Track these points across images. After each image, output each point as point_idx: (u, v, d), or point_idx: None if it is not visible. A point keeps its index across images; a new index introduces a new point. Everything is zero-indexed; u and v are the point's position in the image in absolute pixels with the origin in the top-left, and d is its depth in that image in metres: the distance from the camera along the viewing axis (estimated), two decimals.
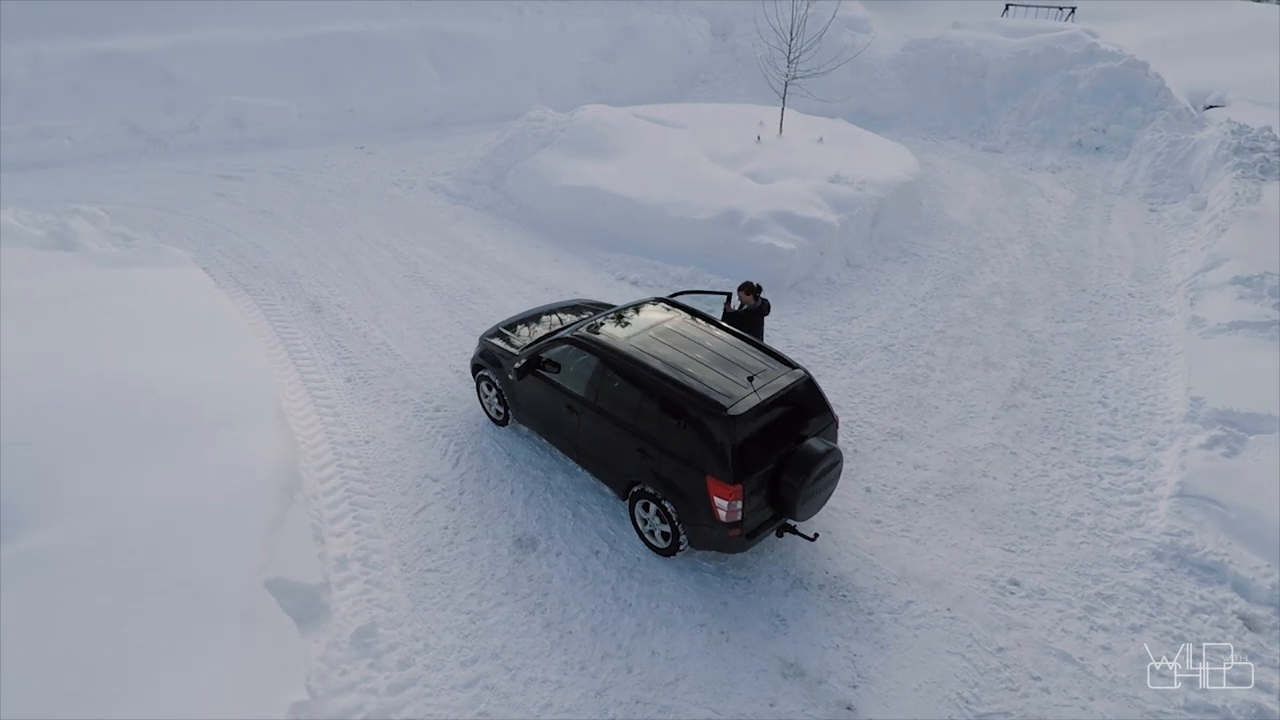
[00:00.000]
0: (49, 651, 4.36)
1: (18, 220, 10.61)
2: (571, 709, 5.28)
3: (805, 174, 12.53)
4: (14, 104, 15.71)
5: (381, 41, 19.13)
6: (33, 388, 6.33)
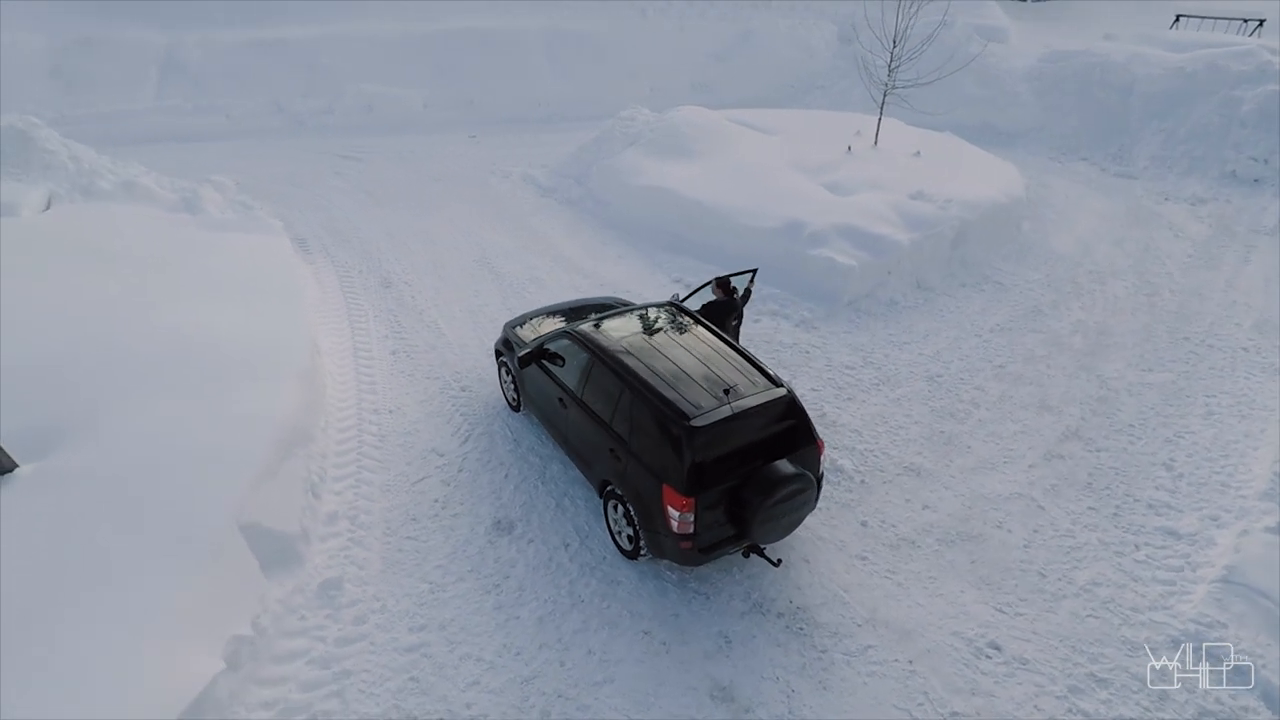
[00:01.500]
0: (39, 555, 5.05)
1: (157, 184, 12.14)
2: (495, 690, 5.44)
3: (887, 188, 11.95)
4: (185, 84, 17.93)
5: (505, 38, 20.10)
6: (100, 330, 7.31)
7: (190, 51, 18.42)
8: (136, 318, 7.65)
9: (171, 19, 19.09)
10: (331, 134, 17.81)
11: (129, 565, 5.06)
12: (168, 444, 6.10)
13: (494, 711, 5.30)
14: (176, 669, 4.60)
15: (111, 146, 15.18)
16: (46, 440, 6.05)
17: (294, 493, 6.32)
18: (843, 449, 7.81)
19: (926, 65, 14.37)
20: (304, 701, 5.23)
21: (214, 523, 5.52)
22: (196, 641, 4.83)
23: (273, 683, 5.28)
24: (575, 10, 21.26)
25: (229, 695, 4.94)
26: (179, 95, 17.68)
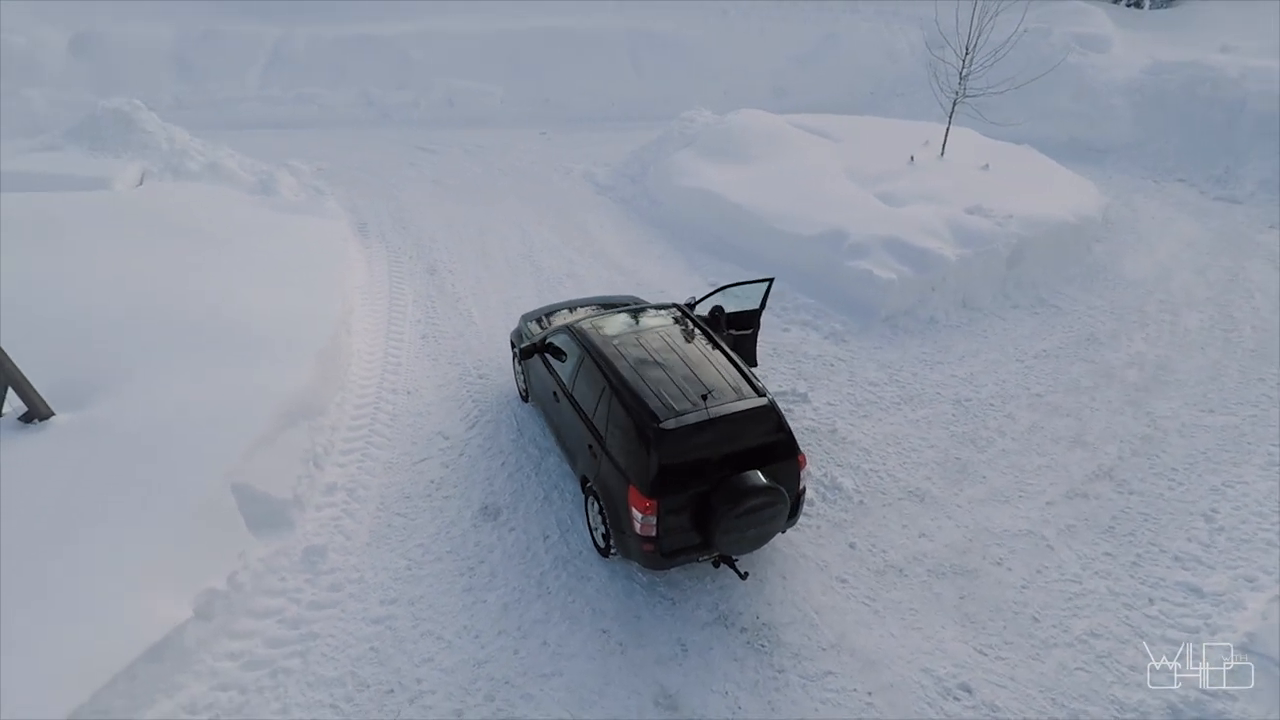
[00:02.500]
0: (53, 495, 5.57)
1: (239, 167, 13.08)
2: (447, 669, 5.59)
3: (944, 201, 11.42)
4: (287, 75, 19.17)
5: (586, 36, 20.41)
6: (148, 297, 7.97)
7: (296, 45, 19.68)
8: (184, 289, 8.29)
9: (284, 15, 20.44)
10: (414, 126, 18.59)
11: (124, 513, 5.51)
12: (182, 405, 6.59)
13: (441, 689, 5.45)
14: (146, 613, 4.98)
15: (216, 130, 16.44)
16: (83, 394, 6.66)
17: (291, 461, 6.69)
18: (846, 467, 7.55)
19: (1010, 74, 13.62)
20: (268, 657, 5.54)
21: (206, 482, 5.93)
22: (170, 590, 5.21)
23: (243, 636, 5.61)
24: (658, 10, 21.34)
25: (197, 643, 5.29)
26: (280, 85, 18.92)
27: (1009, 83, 12.81)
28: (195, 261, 9.08)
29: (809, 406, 8.40)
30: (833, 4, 22.18)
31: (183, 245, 9.47)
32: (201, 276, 8.72)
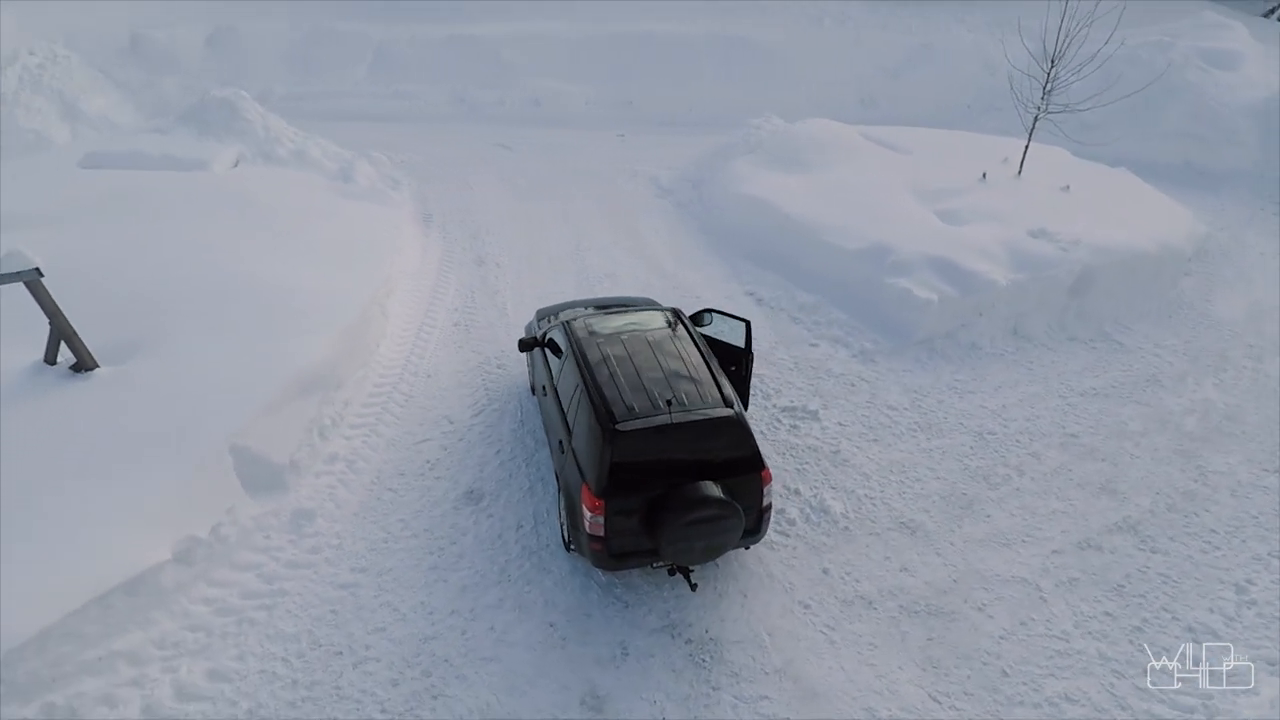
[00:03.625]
0: (77, 438, 6.22)
1: (324, 155, 14.00)
2: (395, 640, 5.81)
3: (1007, 221, 10.73)
4: (388, 72, 20.33)
5: (673, 41, 20.49)
6: (204, 268, 8.70)
7: (399, 44, 20.85)
8: (237, 262, 9.00)
9: (391, 15, 21.74)
10: (499, 124, 19.26)
11: (129, 459, 6.09)
12: (207, 368, 7.18)
13: (385, 658, 5.68)
14: (127, 550, 5.47)
15: (320, 121, 17.68)
16: (127, 351, 7.38)
17: (295, 429, 7.15)
18: (840, 490, 7.26)
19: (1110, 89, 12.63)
20: (239, 606, 5.95)
21: (208, 440, 6.43)
22: (155, 533, 5.70)
23: (221, 584, 6.06)
24: (748, 16, 21.16)
25: (176, 585, 5.76)
26: (382, 81, 20.10)
27: (1096, 100, 11.84)
28: (256, 238, 9.84)
29: (817, 425, 8.13)
30: (936, 12, 21.27)
31: (249, 223, 10.28)
32: (257, 252, 9.43)
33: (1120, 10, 11.73)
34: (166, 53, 19.42)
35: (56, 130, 16.53)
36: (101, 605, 5.21)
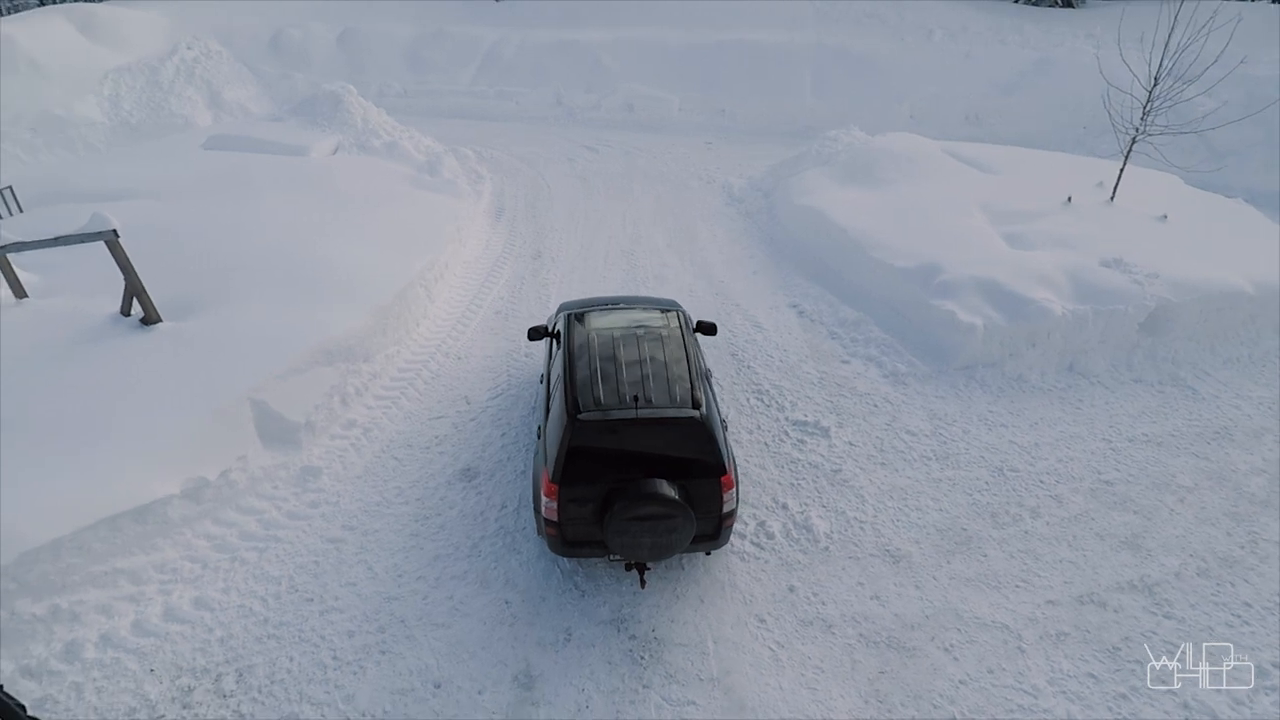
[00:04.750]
0: (126, 378, 7.03)
1: (414, 148, 14.94)
2: (363, 596, 6.18)
3: (1079, 248, 9.95)
4: (495, 73, 21.36)
5: (775, 51, 20.31)
6: (272, 241, 9.54)
7: (507, 47, 21.87)
8: (303, 238, 9.83)
9: (503, 19, 22.85)
10: (591, 126, 19.82)
11: (160, 401, 6.80)
12: (249, 328, 7.90)
13: (349, 610, 6.05)
14: (140, 482, 6.13)
15: (426, 117, 18.94)
16: (188, 309, 8.24)
17: (315, 393, 7.71)
18: (829, 510, 7.01)
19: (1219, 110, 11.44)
20: (235, 546, 6.52)
21: (233, 392, 7.08)
22: (168, 470, 6.35)
23: (225, 524, 6.66)
24: (854, 28, 20.64)
25: (182, 519, 6.39)
26: (487, 82, 21.16)
27: (1196, 124, 10.75)
28: (326, 218, 10.68)
29: (825, 442, 7.88)
30: (1060, 25, 19.91)
31: (325, 205, 11.17)
32: (323, 231, 10.25)
33: (1234, 24, 10.54)
34: (301, 49, 21.30)
35: (201, 115, 18.55)
36: (111, 526, 5.87)
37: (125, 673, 5.50)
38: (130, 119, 17.59)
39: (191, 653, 5.69)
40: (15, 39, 16.83)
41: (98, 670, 5.48)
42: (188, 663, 5.62)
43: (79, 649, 5.53)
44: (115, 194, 11.35)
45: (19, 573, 5.43)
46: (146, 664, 5.57)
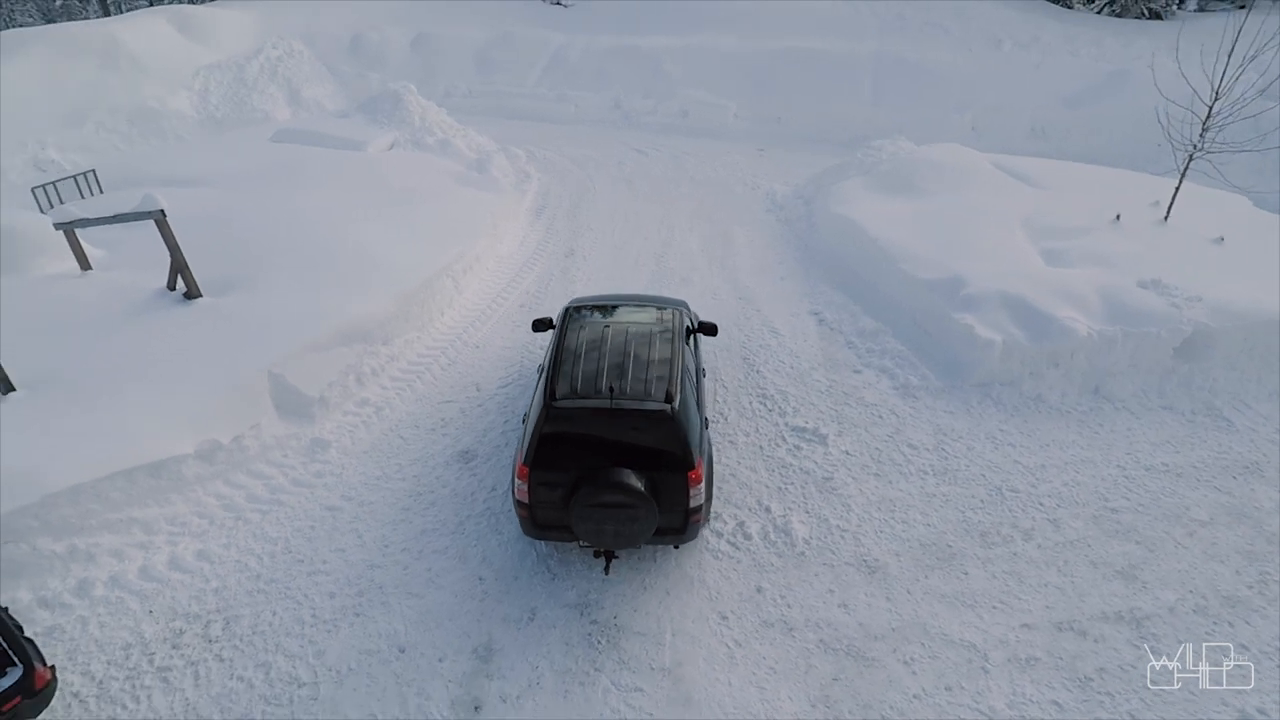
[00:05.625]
0: (161, 343, 7.63)
1: (466, 146, 15.51)
2: (349, 561, 6.52)
3: (1119, 268, 9.52)
4: (559, 76, 21.86)
5: (835, 60, 20.08)
6: (310, 229, 10.13)
7: (572, 51, 22.36)
8: (341, 227, 10.40)
9: (570, 23, 23.38)
10: (646, 130, 20.03)
11: (187, 369, 7.36)
12: (278, 306, 8.45)
13: (335, 573, 6.41)
14: (157, 440, 6.66)
15: (489, 117, 19.57)
16: (226, 287, 8.86)
17: (331, 370, 8.17)
18: (812, 516, 6.96)
19: None
20: (243, 508, 6.99)
21: (253, 365, 7.60)
22: (184, 431, 6.87)
23: (235, 485, 7.14)
24: (918, 38, 20.19)
25: (195, 478, 6.91)
26: (549, 84, 21.68)
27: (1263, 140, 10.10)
28: (368, 209, 11.25)
29: (821, 449, 7.82)
30: (1141, 36, 18.97)
31: (370, 196, 11.76)
32: (363, 221, 10.80)
33: None
34: (377, 51, 22.34)
35: (280, 111, 19.71)
36: (128, 478, 6.41)
37: (127, 612, 5.99)
38: (216, 113, 18.88)
39: (188, 600, 6.15)
40: (120, 37, 18.34)
41: (103, 607, 5.99)
42: (183, 608, 6.08)
43: (90, 587, 6.07)
44: (185, 180, 12.25)
45: (42, 512, 6.00)
46: (147, 605, 6.05)
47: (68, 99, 16.90)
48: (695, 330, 7.93)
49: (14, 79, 16.64)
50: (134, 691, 5.45)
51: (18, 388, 7.00)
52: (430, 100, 17.39)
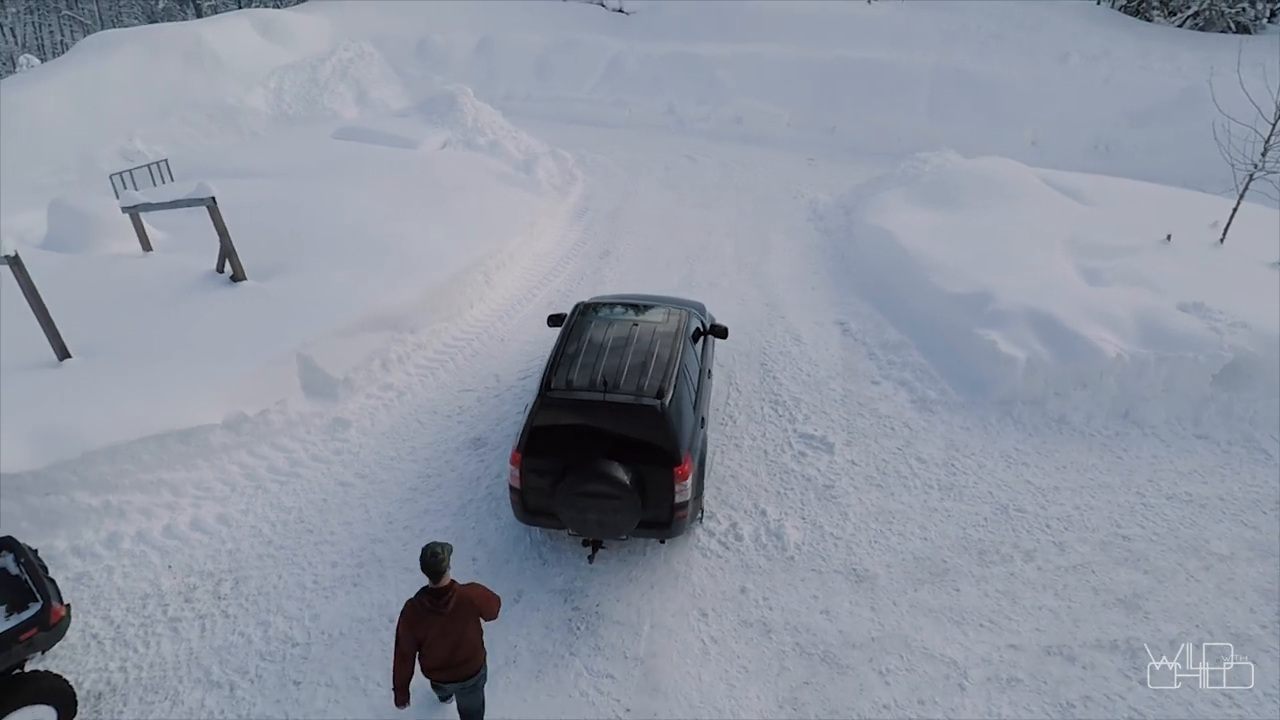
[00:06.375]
0: (205, 320, 8.19)
1: (515, 148, 15.94)
2: (354, 534, 6.85)
3: (1160, 289, 9.14)
4: (615, 82, 22.18)
5: (892, 71, 19.78)
6: (354, 221, 10.64)
7: (630, 58, 22.66)
8: (383, 219, 10.88)
9: (630, 30, 23.71)
10: (698, 137, 20.11)
11: (224, 346, 7.86)
12: (314, 290, 8.92)
13: (341, 544, 6.74)
14: (188, 409, 7.14)
15: (545, 120, 20.01)
16: (269, 272, 9.39)
17: (357, 354, 8.57)
18: (807, 522, 6.94)
19: None
20: (264, 478, 7.42)
21: (285, 345, 8.05)
22: (215, 404, 7.34)
23: (258, 456, 7.58)
24: (981, 51, 19.69)
25: (222, 447, 7.37)
26: (606, 90, 22.03)
27: None
28: (412, 204, 11.72)
29: (827, 457, 7.78)
30: (1224, 50, 18.02)
31: (415, 192, 12.25)
32: (405, 214, 11.27)
33: None
34: (444, 54, 23.15)
35: (348, 110, 20.64)
36: (159, 443, 6.90)
37: (149, 565, 6.46)
38: (289, 111, 19.93)
39: (204, 559, 6.58)
40: (205, 38, 19.58)
41: (128, 559, 6.47)
42: (199, 566, 6.51)
43: (118, 540, 6.56)
44: (249, 172, 13.01)
45: (81, 469, 6.52)
46: (167, 561, 6.51)
47: (155, 94, 18.14)
48: (706, 333, 8.01)
49: (111, 75, 17.98)
50: (146, 638, 5.88)
51: (73, 354, 7.60)
52: (488, 103, 17.97)
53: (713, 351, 8.53)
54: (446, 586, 4.57)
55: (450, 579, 4.61)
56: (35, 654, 5.08)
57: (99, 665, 5.66)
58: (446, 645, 4.57)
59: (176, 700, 5.43)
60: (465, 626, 4.61)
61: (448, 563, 4.54)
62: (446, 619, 4.54)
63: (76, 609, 5.99)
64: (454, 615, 4.55)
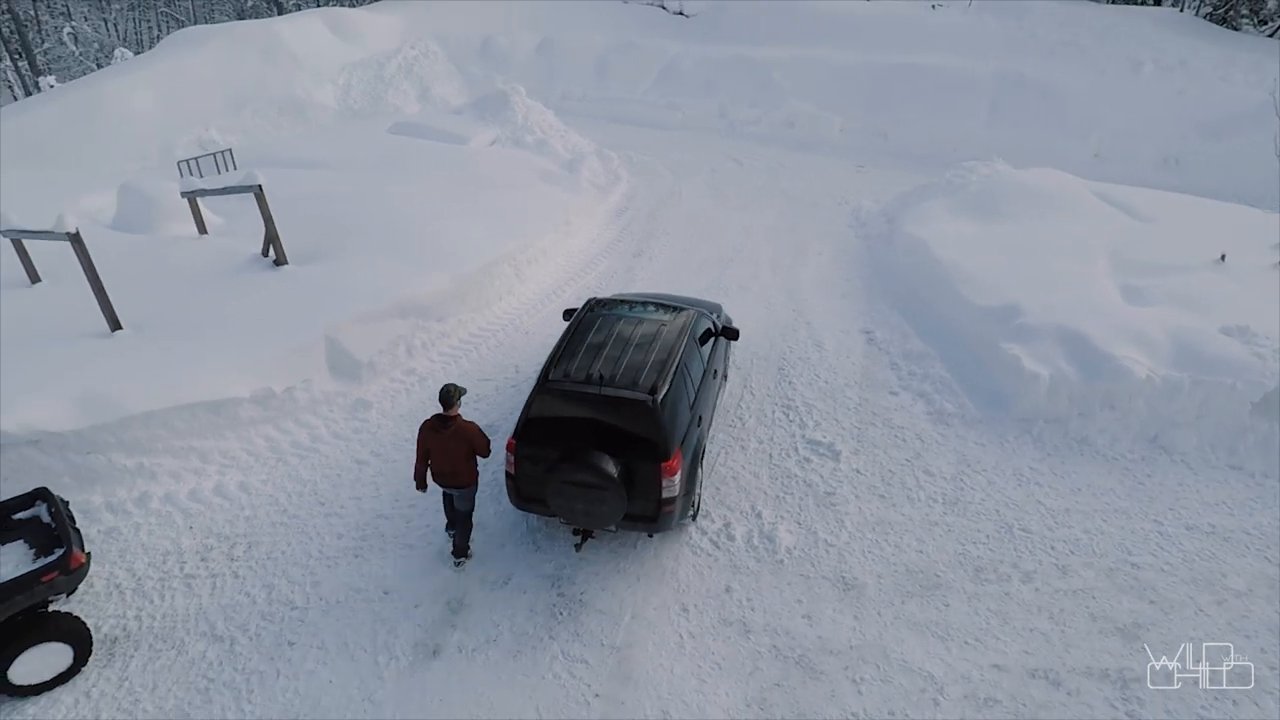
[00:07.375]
0: (249, 298, 8.70)
1: (562, 147, 16.23)
2: (362, 509, 7.17)
3: (1205, 311, 8.73)
4: (669, 84, 22.29)
5: (951, 77, 19.30)
6: (395, 211, 11.07)
7: (686, 61, 22.74)
8: (423, 211, 11.30)
9: (687, 33, 23.80)
10: (748, 140, 20.04)
11: (261, 326, 8.33)
12: (347, 276, 9.35)
13: (348, 517, 7.08)
14: (219, 382, 7.60)
15: (598, 121, 20.31)
16: (309, 258, 9.88)
17: (382, 339, 8.94)
18: (802, 527, 6.92)
19: None
20: (287, 451, 7.83)
21: (314, 328, 8.47)
22: (244, 379, 7.78)
23: (283, 431, 8.01)
24: (1048, 58, 19.00)
25: (249, 420, 7.82)
26: (660, 92, 22.17)
27: None
28: (452, 197, 12.12)
29: (831, 464, 7.73)
30: None
31: (457, 186, 12.65)
32: (444, 207, 11.66)
33: None
34: (505, 54, 23.70)
35: (411, 106, 21.36)
36: (191, 412, 7.38)
37: (172, 525, 6.92)
38: (354, 106, 20.77)
39: (223, 523, 7.00)
40: (281, 35, 20.59)
41: (155, 518, 6.95)
42: (217, 529, 6.93)
43: (148, 500, 7.05)
44: (306, 163, 13.68)
45: (119, 431, 7.03)
46: (189, 522, 6.96)
47: (233, 87, 19.17)
48: (717, 334, 8.05)
49: (193, 69, 19.09)
50: (162, 591, 6.31)
51: (124, 326, 8.18)
52: (544, 103, 18.35)
53: (726, 353, 8.57)
54: (451, 416, 6.15)
55: (457, 413, 6.19)
56: (59, 596, 5.53)
57: (118, 612, 6.10)
58: (446, 459, 6.16)
59: (181, 650, 5.82)
60: (459, 448, 6.12)
61: (456, 400, 6.14)
62: (448, 438, 6.11)
63: (104, 560, 6.48)
64: (453, 437, 6.10)
